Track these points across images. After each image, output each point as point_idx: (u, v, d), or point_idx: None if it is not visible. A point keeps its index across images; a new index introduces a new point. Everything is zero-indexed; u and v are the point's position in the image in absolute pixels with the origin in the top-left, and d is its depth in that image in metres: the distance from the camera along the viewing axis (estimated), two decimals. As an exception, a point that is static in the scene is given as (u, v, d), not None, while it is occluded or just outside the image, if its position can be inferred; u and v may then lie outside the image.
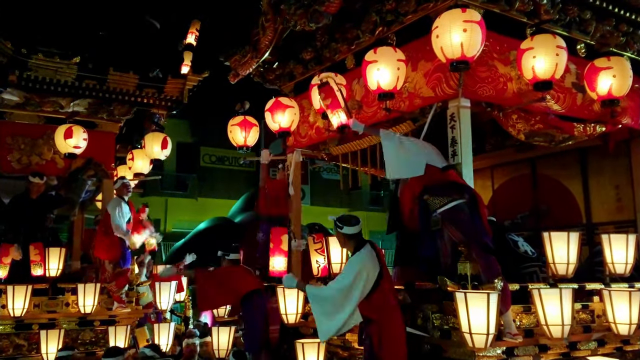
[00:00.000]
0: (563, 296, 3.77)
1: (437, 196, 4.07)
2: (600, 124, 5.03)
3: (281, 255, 4.43)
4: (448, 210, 4.02)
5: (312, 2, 5.00)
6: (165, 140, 7.39)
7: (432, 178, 4.15)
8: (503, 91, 4.56)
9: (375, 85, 4.47)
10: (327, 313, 3.93)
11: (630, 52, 5.37)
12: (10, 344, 6.42)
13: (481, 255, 3.86)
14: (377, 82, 4.45)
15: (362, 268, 3.86)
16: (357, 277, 3.84)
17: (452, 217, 4.01)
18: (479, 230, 3.95)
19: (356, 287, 3.82)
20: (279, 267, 4.42)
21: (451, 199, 4.02)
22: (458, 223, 3.99)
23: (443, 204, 4.03)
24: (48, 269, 6.58)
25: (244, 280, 5.43)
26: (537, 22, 4.59)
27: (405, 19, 4.87)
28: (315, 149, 6.20)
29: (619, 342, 4.43)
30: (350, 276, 3.87)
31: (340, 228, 4.08)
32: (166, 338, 6.86)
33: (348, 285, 3.84)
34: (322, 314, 3.96)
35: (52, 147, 7.30)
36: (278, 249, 4.46)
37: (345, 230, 4.06)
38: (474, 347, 3.52)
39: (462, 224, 3.97)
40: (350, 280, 3.84)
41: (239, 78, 6.21)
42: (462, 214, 3.99)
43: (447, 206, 4.02)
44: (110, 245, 6.86)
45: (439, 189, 4.09)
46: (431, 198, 4.10)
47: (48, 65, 7.03)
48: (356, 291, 3.82)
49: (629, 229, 5.41)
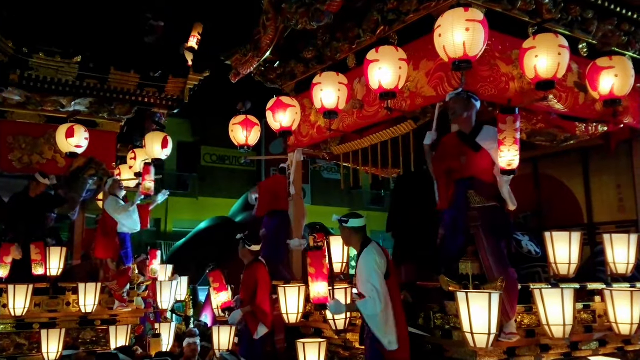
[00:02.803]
0: (565, 296, 3.76)
1: (480, 195, 4.03)
2: (602, 123, 5.03)
3: (322, 280, 4.38)
4: (487, 209, 3.99)
5: (313, 1, 5.00)
6: (165, 140, 7.37)
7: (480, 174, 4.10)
8: (505, 90, 4.56)
9: (377, 85, 4.46)
10: (383, 319, 3.86)
11: (632, 51, 5.37)
12: (11, 343, 6.42)
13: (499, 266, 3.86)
14: (378, 82, 4.43)
15: (376, 266, 3.87)
16: (379, 276, 3.85)
17: (488, 218, 3.98)
18: (508, 236, 3.97)
19: (378, 277, 3.85)
20: (321, 293, 4.38)
21: (492, 200, 4.01)
22: (492, 224, 3.96)
23: (482, 203, 4.01)
24: (49, 268, 6.57)
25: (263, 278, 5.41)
26: (539, 22, 4.58)
27: (407, 18, 4.86)
28: (317, 149, 6.20)
29: (620, 342, 4.42)
30: (376, 279, 3.84)
31: (345, 222, 4.07)
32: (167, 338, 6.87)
33: (379, 287, 3.83)
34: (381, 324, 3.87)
35: (53, 146, 7.32)
36: (320, 274, 4.41)
37: (352, 223, 4.06)
38: (475, 347, 3.51)
39: (495, 227, 3.96)
40: (379, 283, 3.83)
41: (240, 77, 6.21)
42: (498, 217, 3.99)
43: (487, 204, 4.00)
44: (109, 244, 6.87)
45: (484, 187, 4.05)
46: (474, 194, 4.05)
47: (49, 64, 7.03)
48: (379, 278, 3.85)
49: (630, 229, 5.40)
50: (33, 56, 6.90)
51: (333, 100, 4.97)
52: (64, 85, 7.24)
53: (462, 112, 4.11)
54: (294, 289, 5.02)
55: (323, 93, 4.97)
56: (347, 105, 5.18)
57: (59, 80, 7.18)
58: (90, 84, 7.35)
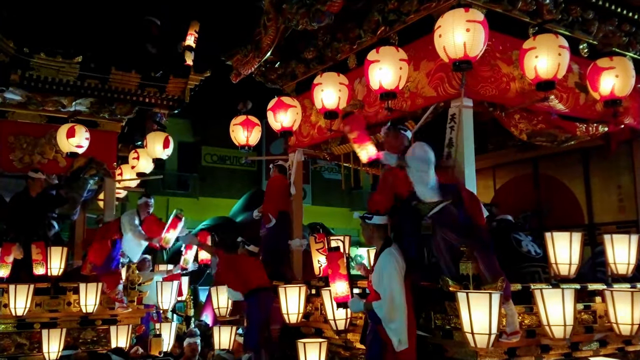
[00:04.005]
0: (565, 296, 3.77)
1: (425, 201, 4.05)
2: (602, 124, 5.03)
3: (342, 280, 4.43)
4: (437, 214, 4.00)
5: (314, 1, 5.01)
6: (167, 140, 7.39)
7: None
8: (505, 91, 4.56)
9: (377, 85, 4.46)
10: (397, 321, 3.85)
11: (632, 52, 5.37)
12: (12, 343, 6.42)
13: (481, 253, 3.86)
14: (379, 82, 4.44)
15: (397, 267, 3.86)
16: (399, 278, 3.85)
17: (442, 219, 4.01)
18: (468, 228, 3.93)
19: (398, 284, 3.84)
20: (342, 292, 4.42)
21: (438, 202, 4.00)
22: (449, 224, 3.99)
23: (432, 208, 4.01)
24: (50, 268, 6.58)
25: (257, 275, 5.45)
26: (539, 22, 4.58)
27: (407, 19, 4.86)
28: (317, 149, 6.20)
29: (620, 343, 4.42)
30: (395, 280, 3.84)
31: (369, 219, 4.06)
32: (168, 338, 6.88)
33: (398, 289, 3.83)
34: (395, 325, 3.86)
35: (54, 146, 7.33)
36: (337, 274, 4.45)
37: (375, 220, 4.05)
38: (476, 347, 3.52)
39: (453, 225, 3.97)
40: (398, 284, 3.83)
41: (241, 77, 6.21)
42: (450, 215, 3.98)
43: (435, 209, 3.99)
44: (100, 250, 6.79)
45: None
46: (420, 204, 4.08)
47: (50, 64, 7.03)
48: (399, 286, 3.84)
49: (631, 229, 5.40)
50: (34, 56, 6.90)
51: (334, 100, 4.98)
52: (65, 85, 7.23)
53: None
54: (294, 289, 5.03)
55: (324, 93, 4.97)
56: (348, 105, 5.18)
57: (59, 80, 7.17)
58: (91, 84, 7.35)
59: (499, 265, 3.88)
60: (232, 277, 5.52)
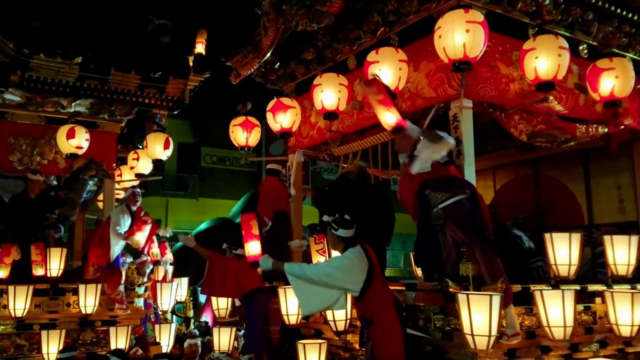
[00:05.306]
0: (565, 298, 3.75)
1: (438, 191, 4.01)
2: (602, 124, 5.02)
3: (254, 240, 4.63)
4: (450, 206, 3.96)
5: (313, 2, 5.00)
6: (167, 141, 7.39)
7: (433, 172, 4.09)
8: (505, 92, 4.56)
9: (377, 86, 4.45)
10: (308, 290, 3.94)
11: (632, 53, 5.36)
12: (11, 344, 6.43)
13: (483, 253, 3.84)
14: (379, 82, 4.43)
15: (349, 262, 3.89)
16: (341, 265, 3.90)
17: (454, 213, 3.96)
18: (479, 226, 3.91)
19: (338, 272, 3.88)
20: (254, 252, 4.62)
21: (452, 194, 3.96)
22: (459, 219, 3.94)
23: (444, 199, 3.97)
24: (49, 269, 6.57)
25: (250, 277, 5.44)
26: (539, 23, 4.58)
27: (407, 20, 4.86)
28: (317, 150, 6.19)
29: (620, 344, 4.41)
30: (334, 262, 3.96)
31: (335, 230, 4.06)
32: (167, 339, 6.88)
33: (332, 268, 3.91)
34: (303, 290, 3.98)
35: (53, 147, 7.33)
36: (250, 234, 4.65)
37: (340, 232, 4.04)
38: (475, 348, 3.51)
39: (463, 220, 3.93)
40: (334, 266, 3.92)
41: (241, 78, 6.20)
42: (463, 209, 3.94)
43: (449, 201, 3.96)
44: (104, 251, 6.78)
45: (440, 183, 4.03)
46: (432, 193, 4.03)
47: (50, 65, 7.04)
48: (339, 274, 3.87)
49: (631, 230, 5.39)
50: (34, 57, 6.91)
51: (333, 101, 4.98)
52: (65, 86, 7.25)
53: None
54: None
55: (323, 94, 4.97)
56: (348, 106, 5.18)
57: (59, 81, 7.19)
58: (91, 84, 7.36)
59: (503, 264, 3.87)
60: (223, 281, 5.49)
